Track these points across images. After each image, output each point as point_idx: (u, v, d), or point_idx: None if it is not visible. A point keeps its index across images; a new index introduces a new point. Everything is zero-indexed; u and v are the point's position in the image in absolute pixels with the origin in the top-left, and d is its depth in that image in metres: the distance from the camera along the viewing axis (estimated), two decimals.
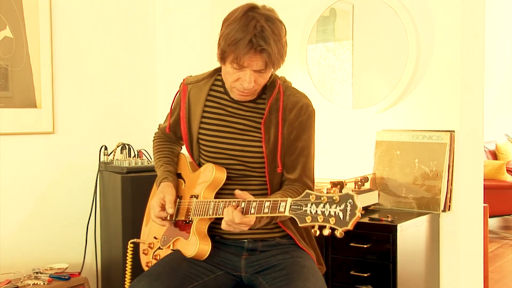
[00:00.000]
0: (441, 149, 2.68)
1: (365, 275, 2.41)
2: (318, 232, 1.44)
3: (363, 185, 2.73)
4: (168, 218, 1.89)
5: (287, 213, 1.52)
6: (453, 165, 2.68)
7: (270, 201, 1.58)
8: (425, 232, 2.61)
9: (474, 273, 2.86)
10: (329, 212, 1.43)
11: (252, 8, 1.72)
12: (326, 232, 1.43)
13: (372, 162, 2.88)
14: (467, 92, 2.74)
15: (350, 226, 1.40)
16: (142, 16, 3.33)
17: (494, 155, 6.77)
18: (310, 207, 1.47)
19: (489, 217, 3.81)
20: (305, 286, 1.69)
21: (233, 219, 1.62)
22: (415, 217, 2.55)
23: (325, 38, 3.23)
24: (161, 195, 1.89)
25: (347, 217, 1.40)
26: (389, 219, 2.44)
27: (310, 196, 1.47)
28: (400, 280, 2.38)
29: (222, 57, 1.73)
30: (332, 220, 1.41)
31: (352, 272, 2.45)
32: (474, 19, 2.79)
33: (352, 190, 2.61)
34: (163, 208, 1.88)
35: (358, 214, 1.40)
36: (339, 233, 1.41)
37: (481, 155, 2.93)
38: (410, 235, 2.48)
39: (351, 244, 2.45)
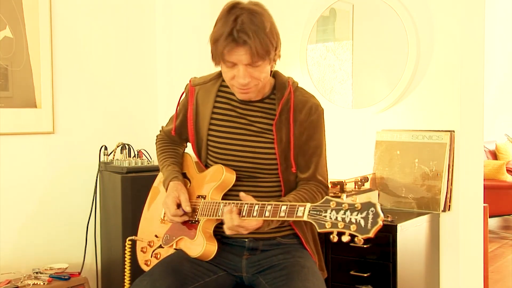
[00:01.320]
0: (441, 149, 2.68)
1: (365, 275, 2.41)
2: (336, 238, 1.44)
3: (363, 185, 2.73)
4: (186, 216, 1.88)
5: (305, 218, 1.51)
6: (453, 165, 2.68)
7: (287, 205, 1.57)
8: (425, 232, 2.61)
9: (474, 273, 2.86)
10: (350, 219, 1.43)
11: (234, 5, 1.72)
12: (346, 238, 1.42)
13: (372, 162, 2.88)
14: (467, 92, 2.74)
15: (371, 234, 1.40)
16: (142, 17, 3.33)
17: (494, 155, 6.77)
18: (330, 213, 1.46)
19: (489, 217, 3.81)
20: (304, 286, 1.69)
21: (232, 220, 1.63)
22: (415, 217, 2.55)
23: (325, 38, 3.23)
24: (175, 193, 1.88)
25: (369, 224, 1.40)
26: (389, 219, 2.44)
27: (331, 203, 1.47)
28: (400, 280, 2.38)
29: (212, 57, 1.74)
30: (353, 227, 1.41)
31: (352, 272, 2.45)
32: (474, 19, 2.79)
33: (352, 190, 2.64)
34: (179, 206, 1.87)
35: (380, 222, 1.40)
36: (358, 240, 1.40)
37: (481, 155, 2.93)
38: (410, 235, 2.48)
39: (351, 244, 2.44)
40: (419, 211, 2.69)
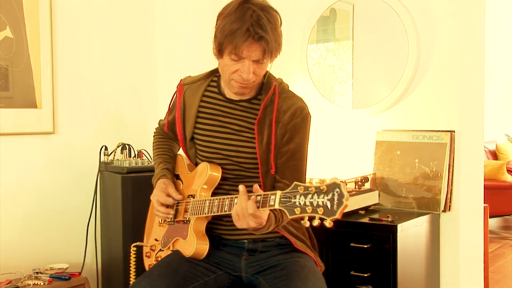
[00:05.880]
0: (441, 149, 2.68)
1: (365, 275, 2.41)
2: (308, 224, 1.43)
3: (364, 185, 2.73)
4: (170, 217, 1.91)
5: (276, 206, 1.51)
6: (453, 165, 2.68)
7: (261, 195, 1.58)
8: (426, 232, 2.61)
9: (474, 273, 2.86)
10: (317, 202, 1.41)
11: (246, 0, 1.72)
12: (316, 222, 1.41)
13: (372, 162, 2.88)
14: (467, 92, 2.74)
15: (338, 215, 1.38)
16: (142, 16, 3.33)
17: (494, 155, 6.77)
18: (299, 199, 1.45)
19: (489, 217, 3.81)
20: (305, 286, 1.69)
21: (246, 207, 1.58)
22: (415, 217, 2.55)
23: (325, 38, 3.23)
24: (163, 185, 1.91)
25: (335, 206, 1.38)
26: (389, 219, 2.44)
27: (299, 188, 1.46)
28: (401, 280, 2.38)
29: (220, 50, 1.74)
30: (320, 210, 1.40)
31: (352, 272, 2.45)
32: (474, 19, 2.79)
33: (353, 190, 2.64)
34: (168, 195, 1.89)
35: (345, 202, 1.37)
36: (328, 223, 1.39)
37: (481, 155, 2.93)
38: (411, 235, 2.48)
39: (351, 244, 2.45)
40: (419, 211, 2.69)
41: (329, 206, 1.39)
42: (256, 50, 1.69)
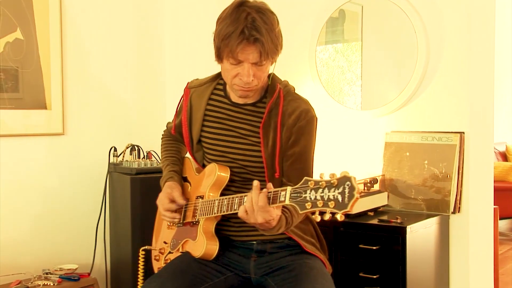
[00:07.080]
0: (450, 151, 2.67)
1: (374, 277, 2.40)
2: (319, 218, 1.42)
3: (372, 187, 2.72)
4: (176, 221, 1.91)
5: (287, 202, 1.50)
6: (462, 167, 2.66)
7: (271, 192, 1.57)
8: (435, 234, 2.60)
9: (484, 275, 2.84)
10: (328, 196, 1.40)
11: (242, 2, 1.72)
12: (327, 217, 1.40)
13: (381, 163, 2.87)
14: (477, 94, 2.73)
15: (349, 208, 1.37)
16: (151, 18, 3.34)
17: (504, 156, 6.73)
18: (310, 193, 1.44)
19: (499, 219, 3.79)
20: (314, 287, 1.69)
21: (257, 200, 1.57)
22: (424, 219, 2.54)
23: (334, 39, 3.22)
24: (168, 190, 1.91)
25: (346, 199, 1.37)
26: (398, 221, 2.43)
27: (309, 183, 1.46)
28: (410, 282, 2.37)
29: (218, 55, 1.74)
30: (332, 204, 1.39)
31: (361, 274, 2.44)
32: (483, 20, 2.78)
33: (362, 192, 2.63)
34: (172, 201, 1.89)
35: (356, 195, 1.37)
36: (339, 216, 1.38)
37: (491, 156, 2.91)
38: (420, 237, 2.47)
39: (360, 246, 2.44)
40: (428, 212, 2.68)
41: (340, 199, 1.38)
42: (252, 53, 1.68)
